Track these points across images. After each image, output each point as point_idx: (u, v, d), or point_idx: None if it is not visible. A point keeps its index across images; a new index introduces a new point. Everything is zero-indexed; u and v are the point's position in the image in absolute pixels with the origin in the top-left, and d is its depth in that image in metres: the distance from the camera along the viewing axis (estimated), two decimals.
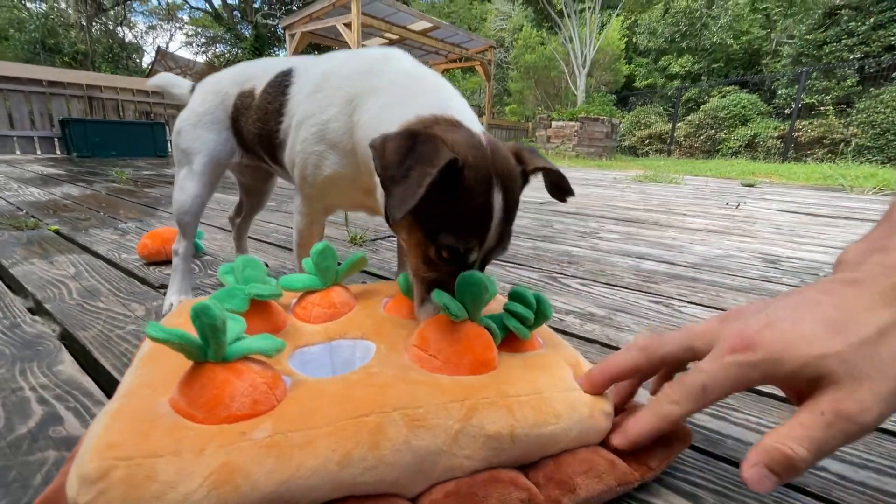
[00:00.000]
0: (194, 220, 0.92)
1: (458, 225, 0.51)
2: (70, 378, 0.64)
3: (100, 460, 0.33)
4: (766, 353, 0.38)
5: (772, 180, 5.35)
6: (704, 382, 0.41)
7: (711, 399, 0.41)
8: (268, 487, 0.35)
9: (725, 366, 0.40)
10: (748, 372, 0.39)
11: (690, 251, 1.59)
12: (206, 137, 0.90)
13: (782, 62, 12.74)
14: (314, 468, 0.36)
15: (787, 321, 0.39)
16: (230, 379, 0.40)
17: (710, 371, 0.41)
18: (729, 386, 0.40)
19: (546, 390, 0.48)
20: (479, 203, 0.51)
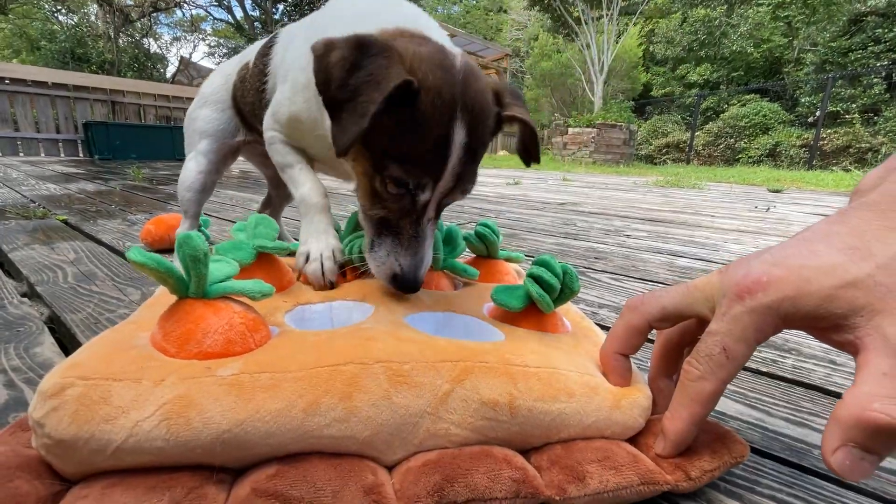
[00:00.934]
0: (196, 198, 0.89)
1: (410, 156, 0.44)
2: (45, 361, 0.58)
3: (59, 377, 0.32)
4: (778, 293, 0.32)
5: (799, 187, 5.15)
6: (723, 344, 0.34)
7: (738, 361, 0.34)
8: (221, 426, 0.31)
9: (737, 317, 0.33)
10: (764, 318, 0.32)
11: (727, 250, 1.48)
12: (210, 116, 0.89)
13: (805, 70, 12.47)
14: (276, 412, 0.32)
15: (797, 256, 0.33)
16: (206, 315, 0.37)
17: (723, 329, 0.34)
18: (750, 337, 0.33)
19: (561, 367, 0.40)
20: (436, 134, 0.44)
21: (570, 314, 0.54)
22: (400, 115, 0.42)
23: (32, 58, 16.00)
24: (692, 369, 0.35)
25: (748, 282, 0.33)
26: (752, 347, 0.33)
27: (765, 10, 13.52)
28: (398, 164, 0.44)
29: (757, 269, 0.33)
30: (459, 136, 0.44)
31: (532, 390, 0.38)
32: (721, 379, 0.34)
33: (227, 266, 0.42)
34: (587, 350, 0.46)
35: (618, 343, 0.42)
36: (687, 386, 0.36)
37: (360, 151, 0.47)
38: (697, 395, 0.35)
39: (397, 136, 0.43)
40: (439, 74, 0.43)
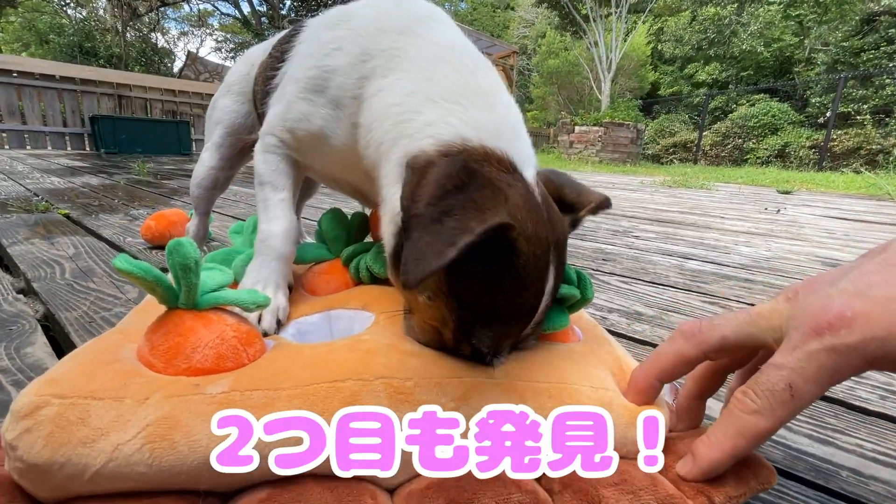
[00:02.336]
0: (205, 195, 0.84)
1: (501, 316, 0.37)
2: (36, 362, 0.56)
3: (34, 395, 0.30)
4: (865, 332, 0.28)
5: (809, 188, 5.08)
6: (789, 380, 0.30)
7: (803, 402, 0.30)
8: (209, 449, 0.28)
9: (812, 354, 0.29)
10: (845, 359, 0.28)
11: (737, 252, 1.44)
12: (229, 108, 0.82)
13: (816, 70, 12.30)
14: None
15: (883, 286, 0.29)
16: (196, 327, 0.35)
17: (792, 365, 0.30)
18: (823, 380, 0.29)
19: (574, 382, 0.38)
20: (532, 287, 0.36)
21: (583, 322, 0.51)
22: (493, 266, 0.35)
23: (41, 51, 16.07)
24: (748, 401, 0.32)
25: (829, 316, 0.29)
26: (823, 390, 0.30)
27: (776, 8, 13.34)
28: (485, 327, 0.36)
29: (838, 301, 0.30)
30: (551, 281, 0.38)
31: (543, 408, 0.35)
32: (779, 418, 0.31)
33: (221, 274, 0.40)
34: (601, 359, 0.44)
35: (662, 371, 0.38)
36: (737, 417, 0.32)
37: (440, 294, 0.37)
38: (747, 430, 0.32)
39: (489, 291, 0.35)
40: (535, 219, 0.36)
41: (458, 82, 0.42)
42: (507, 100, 0.45)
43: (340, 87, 0.49)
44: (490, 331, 0.37)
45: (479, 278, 0.35)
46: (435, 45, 0.46)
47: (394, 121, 0.42)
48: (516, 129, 0.43)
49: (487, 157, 0.38)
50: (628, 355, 0.46)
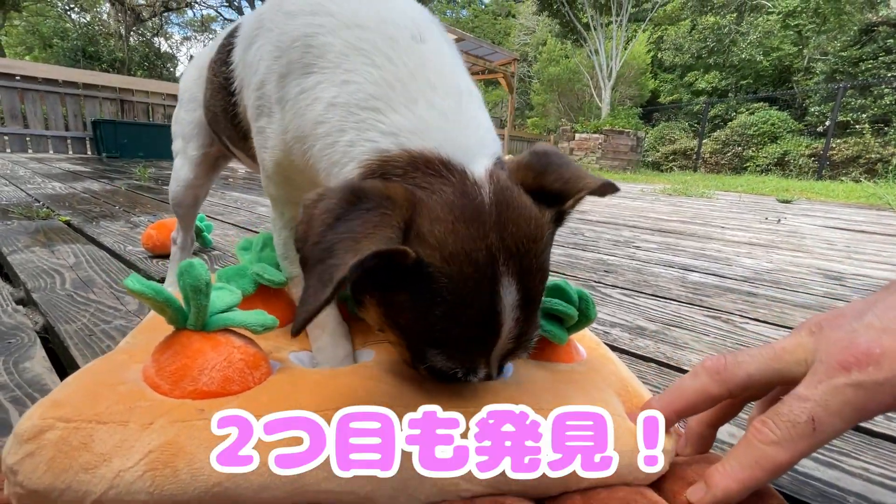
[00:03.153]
0: (188, 212, 0.84)
1: (451, 340, 0.34)
2: (34, 378, 0.55)
3: (38, 418, 0.29)
4: (894, 368, 0.28)
5: (809, 197, 5.09)
6: (813, 414, 0.29)
7: (825, 437, 0.30)
8: (212, 478, 0.28)
9: (838, 389, 0.29)
10: (872, 395, 0.28)
11: (739, 264, 1.44)
12: (185, 119, 0.77)
13: (815, 79, 12.37)
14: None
15: None
16: (204, 349, 0.35)
17: (816, 398, 0.30)
18: (848, 415, 0.29)
19: (577, 406, 0.37)
20: (476, 307, 0.32)
21: (586, 340, 0.51)
22: (418, 293, 0.32)
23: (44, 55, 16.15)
24: (767, 431, 0.31)
25: (856, 352, 0.29)
26: (847, 426, 0.29)
27: (775, 18, 13.45)
28: (439, 352, 0.34)
29: (864, 336, 0.29)
30: (510, 294, 0.33)
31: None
32: (799, 451, 0.30)
33: (230, 295, 0.40)
34: (606, 380, 0.43)
35: (685, 407, 0.37)
36: (755, 447, 0.32)
37: (386, 325, 0.36)
38: (765, 461, 0.31)
39: (423, 318, 0.33)
40: (463, 232, 0.32)
41: (373, 79, 0.36)
42: (440, 79, 0.37)
43: (268, 96, 0.43)
44: (446, 356, 0.34)
45: (408, 306, 0.33)
46: (348, 27, 0.39)
47: (321, 145, 0.38)
48: (455, 115, 0.36)
49: (413, 163, 0.34)
50: (633, 377, 0.46)
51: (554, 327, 0.44)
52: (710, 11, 14.67)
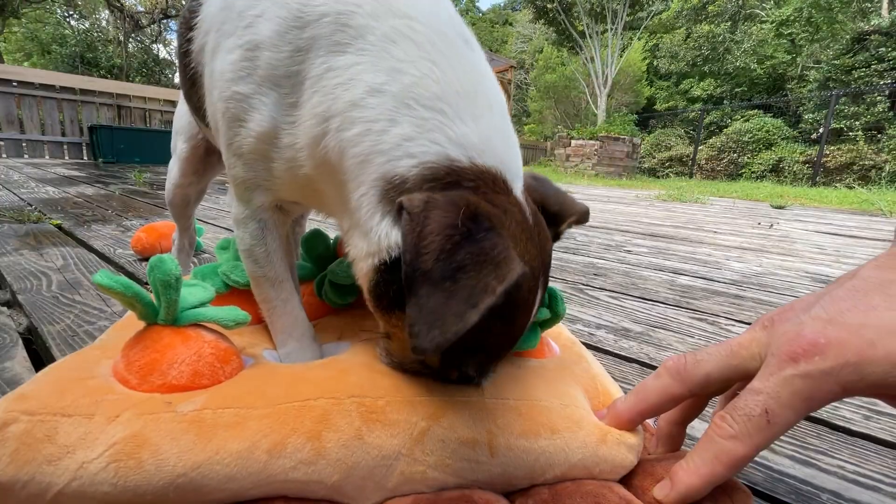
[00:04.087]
0: (179, 212, 0.83)
1: (489, 347, 0.36)
2: (13, 378, 0.55)
3: (2, 411, 0.30)
4: (838, 358, 0.29)
5: (802, 203, 5.12)
6: (766, 406, 0.30)
7: (779, 428, 0.30)
8: (176, 469, 0.28)
9: (787, 380, 0.30)
10: (819, 385, 0.29)
11: (728, 268, 1.45)
12: (179, 112, 0.76)
13: (808, 87, 12.50)
14: (237, 453, 0.30)
15: (854, 312, 0.30)
16: (174, 343, 0.35)
17: (769, 390, 0.30)
18: (799, 405, 0.30)
19: (543, 399, 0.38)
20: (520, 320, 0.36)
21: (562, 338, 0.51)
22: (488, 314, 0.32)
23: (43, 61, 16.20)
24: (725, 426, 0.32)
25: (803, 343, 0.30)
26: (799, 416, 0.30)
27: (768, 27, 13.63)
28: (473, 357, 0.35)
29: (810, 328, 0.30)
30: (536, 307, 0.37)
31: (512, 426, 0.35)
32: (756, 444, 0.31)
33: (203, 291, 0.40)
34: (574, 376, 0.44)
35: (648, 407, 0.37)
36: (715, 442, 0.32)
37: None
38: (725, 456, 0.32)
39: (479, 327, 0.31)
40: (529, 248, 0.34)
41: (434, 78, 0.35)
42: (494, 96, 0.38)
43: (271, 65, 0.39)
44: (477, 361, 0.36)
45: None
46: (395, 14, 0.36)
47: (361, 129, 0.35)
48: (506, 136, 0.38)
49: (481, 178, 0.34)
50: (605, 374, 0.46)
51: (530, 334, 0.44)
52: (705, 20, 14.86)
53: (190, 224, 0.88)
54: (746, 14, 14.70)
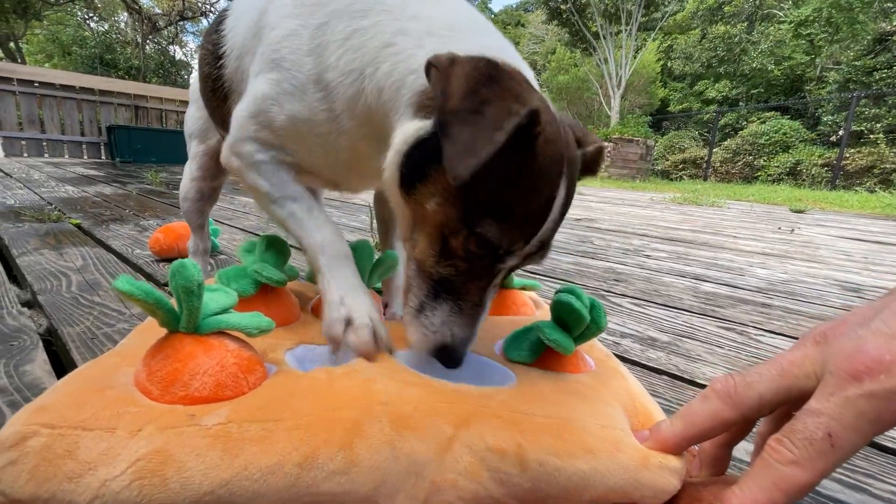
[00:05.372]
0: (193, 207, 0.83)
1: (512, 214, 0.37)
2: (33, 381, 0.54)
3: (22, 424, 0.29)
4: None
5: (822, 207, 5.01)
6: (829, 429, 0.28)
7: (844, 452, 0.28)
8: (203, 487, 0.27)
9: (850, 401, 0.27)
10: (887, 404, 0.27)
11: (752, 274, 1.41)
12: (193, 115, 0.80)
13: (828, 88, 12.25)
14: (267, 468, 0.28)
15: None
16: (196, 353, 0.34)
17: (830, 412, 0.28)
18: (865, 427, 0.27)
19: (578, 418, 0.36)
20: (544, 190, 0.37)
21: (595, 351, 0.49)
22: (509, 161, 0.34)
23: (64, 63, 16.55)
24: (784, 450, 0.29)
25: (866, 360, 0.28)
26: (865, 439, 0.28)
27: (786, 27, 13.38)
28: (495, 223, 0.36)
29: (873, 343, 0.28)
30: (561, 195, 0.38)
31: (541, 442, 0.33)
32: (819, 470, 0.28)
33: (225, 297, 0.39)
34: (613, 393, 0.42)
35: (697, 433, 0.35)
36: (773, 468, 0.30)
37: (447, 195, 0.37)
38: (784, 483, 0.29)
39: (504, 186, 0.35)
40: (553, 123, 0.37)
41: (447, 16, 0.42)
42: (489, 25, 0.46)
43: (293, 50, 0.45)
44: (500, 228, 0.36)
45: (491, 174, 0.34)
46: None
47: (392, 62, 0.41)
48: (517, 55, 0.43)
49: (513, 71, 0.38)
50: (644, 393, 0.44)
51: (560, 336, 0.42)
52: (721, 21, 14.65)
53: (204, 223, 0.88)
54: (764, 14, 14.46)
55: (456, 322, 0.39)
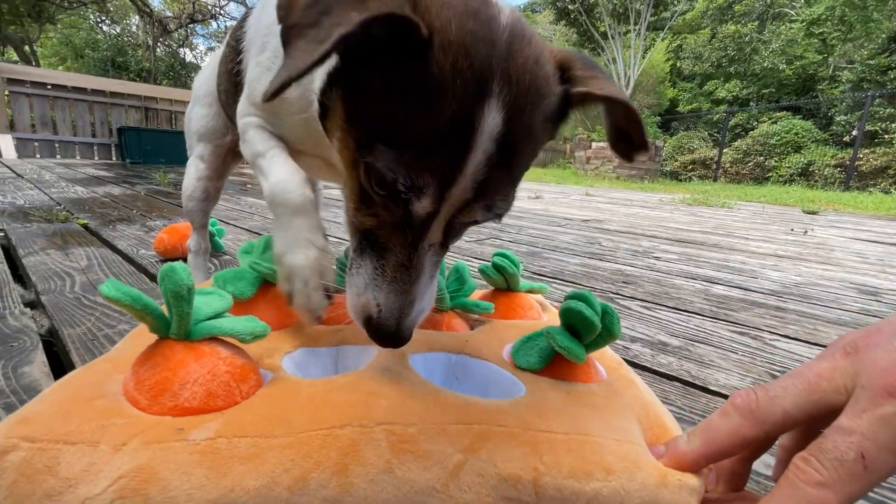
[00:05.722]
0: (198, 206, 0.82)
1: (407, 138, 0.30)
2: (30, 384, 0.54)
3: (2, 437, 0.27)
4: None
5: (836, 209, 4.92)
6: (861, 449, 0.26)
7: (878, 475, 0.26)
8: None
9: (885, 419, 0.25)
10: None
11: (765, 277, 1.37)
12: (200, 114, 0.79)
13: (841, 88, 12.05)
14: (255, 490, 0.27)
15: None
16: (186, 361, 0.32)
17: (863, 430, 0.26)
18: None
19: (595, 434, 0.33)
20: (451, 111, 0.29)
21: (606, 359, 0.47)
22: (403, 76, 0.29)
23: (76, 65, 16.79)
24: (811, 471, 0.27)
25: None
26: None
27: (798, 26, 13.20)
28: (387, 147, 0.30)
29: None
30: (491, 120, 0.29)
31: (560, 465, 0.31)
32: (850, 494, 0.26)
33: (219, 300, 0.37)
34: (626, 405, 0.40)
35: (717, 452, 0.33)
36: (799, 489, 0.27)
37: (343, 125, 0.33)
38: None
39: (393, 106, 0.30)
40: (469, 26, 0.30)
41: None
42: None
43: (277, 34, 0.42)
44: (393, 155, 0.30)
45: (381, 96, 0.30)
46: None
47: None
48: None
49: None
50: (658, 402, 0.42)
51: (570, 343, 0.40)
52: (731, 20, 14.49)
53: (206, 223, 0.89)
54: (775, 13, 14.27)
55: (380, 286, 0.33)
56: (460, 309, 0.55)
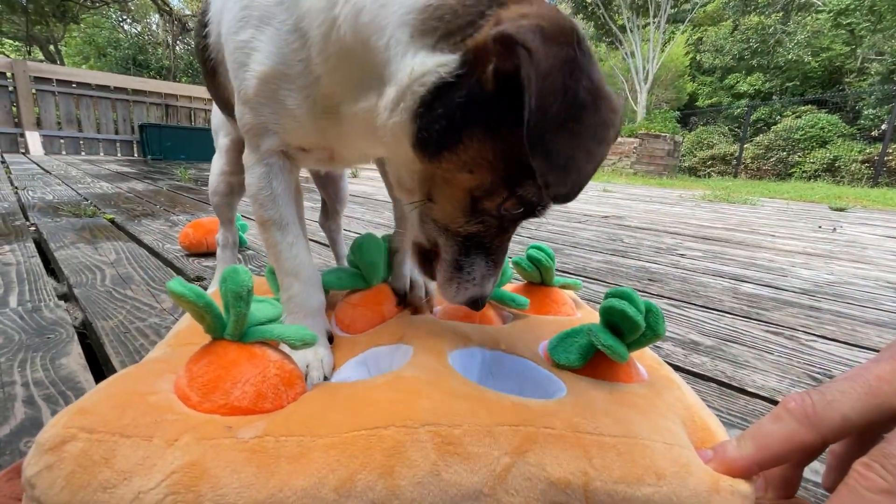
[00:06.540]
0: (223, 201, 0.82)
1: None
2: (68, 375, 0.55)
3: (62, 427, 0.28)
4: None
5: (864, 205, 4.76)
6: None
7: None
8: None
9: None
10: None
11: (795, 275, 1.33)
12: (216, 111, 0.80)
13: (869, 81, 11.63)
14: (302, 490, 0.26)
15: None
16: (239, 361, 0.32)
17: None
18: None
19: (644, 436, 0.32)
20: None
21: (646, 359, 0.46)
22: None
23: (99, 64, 17.18)
24: (875, 477, 0.26)
25: None
26: None
27: (825, 17, 12.77)
28: (534, 180, 0.32)
29: None
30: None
31: (611, 469, 0.30)
32: None
33: (271, 308, 0.38)
34: (670, 406, 0.38)
35: (769, 457, 0.31)
36: (861, 496, 0.26)
37: (488, 162, 0.34)
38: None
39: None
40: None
41: None
42: None
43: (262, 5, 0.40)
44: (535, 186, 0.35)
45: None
46: None
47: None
48: None
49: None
50: (702, 404, 0.40)
51: (613, 342, 0.39)
52: (754, 11, 14.09)
53: (233, 217, 0.88)
54: (800, 3, 13.82)
55: (492, 274, 0.41)
56: (496, 301, 0.54)
